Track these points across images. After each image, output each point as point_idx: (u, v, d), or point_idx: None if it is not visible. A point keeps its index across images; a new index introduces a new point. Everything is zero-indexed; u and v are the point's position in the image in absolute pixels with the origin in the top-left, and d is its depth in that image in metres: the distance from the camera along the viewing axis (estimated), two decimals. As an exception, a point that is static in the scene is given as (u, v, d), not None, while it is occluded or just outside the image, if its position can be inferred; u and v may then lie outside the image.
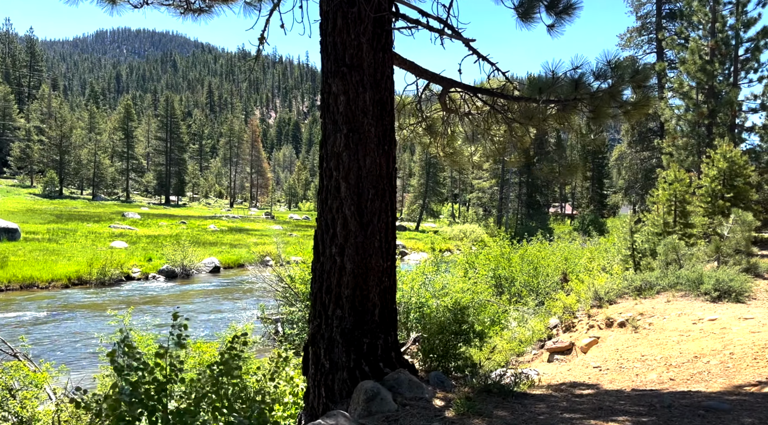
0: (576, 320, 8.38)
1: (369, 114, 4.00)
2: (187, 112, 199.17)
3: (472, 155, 5.80)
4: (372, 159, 4.01)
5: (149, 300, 21.09)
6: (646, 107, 4.66)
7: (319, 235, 4.13)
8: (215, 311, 18.59)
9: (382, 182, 4.07)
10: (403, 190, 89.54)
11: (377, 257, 4.02)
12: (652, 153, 38.30)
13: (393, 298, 4.19)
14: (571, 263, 17.81)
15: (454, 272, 15.43)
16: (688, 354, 5.69)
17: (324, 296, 4.05)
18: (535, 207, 66.63)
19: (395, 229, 4.29)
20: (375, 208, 3.99)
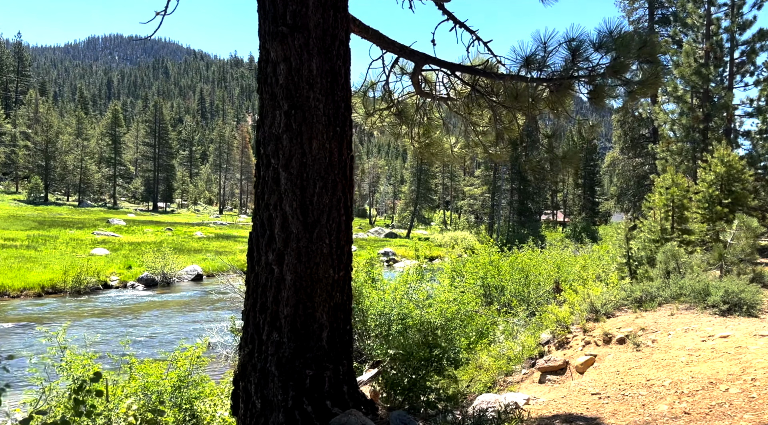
0: (570, 335, 7.58)
1: (316, 87, 3.20)
2: (178, 118, 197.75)
3: (452, 146, 5.01)
4: (320, 143, 3.21)
5: (123, 310, 20.11)
6: (654, 85, 3.91)
7: (254, 238, 3.31)
8: (190, 321, 17.66)
9: (333, 172, 3.26)
10: (395, 197, 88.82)
11: (326, 266, 3.21)
12: (645, 159, 37.77)
13: (347, 317, 3.38)
14: (563, 271, 17.04)
15: (441, 281, 14.63)
16: (702, 379, 4.90)
17: (258, 315, 3.22)
18: (527, 214, 66.10)
19: (350, 231, 3.49)
20: (323, 204, 3.19)
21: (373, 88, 4.77)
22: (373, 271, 11.85)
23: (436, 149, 4.97)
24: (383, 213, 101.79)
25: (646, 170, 37.43)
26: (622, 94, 4.06)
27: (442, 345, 6.99)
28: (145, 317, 18.59)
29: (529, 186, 66.85)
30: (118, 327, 16.79)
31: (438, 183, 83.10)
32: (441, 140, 5.01)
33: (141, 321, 18.02)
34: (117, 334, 15.58)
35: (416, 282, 11.08)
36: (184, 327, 16.42)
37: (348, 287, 3.39)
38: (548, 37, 3.80)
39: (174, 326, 17.05)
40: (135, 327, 16.96)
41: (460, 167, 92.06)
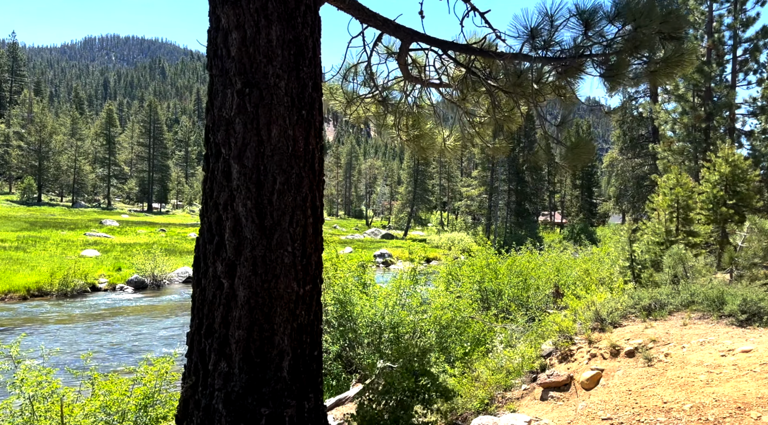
0: (574, 347, 6.99)
1: (276, 60, 2.62)
2: (175, 119, 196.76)
3: (445, 139, 4.43)
4: (281, 129, 2.62)
5: (107, 314, 19.47)
6: (680, 64, 3.35)
7: (201, 245, 2.72)
8: (174, 326, 17.04)
9: (297, 165, 2.67)
10: (391, 197, 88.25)
11: (288, 279, 2.61)
12: (645, 160, 37.26)
13: (315, 340, 2.78)
14: (563, 274, 16.47)
15: (436, 285, 14.03)
16: (727, 403, 4.33)
17: (203, 340, 2.63)
18: (525, 215, 65.59)
19: (320, 236, 2.90)
20: (285, 204, 2.60)
21: (355, 71, 4.18)
22: (364, 276, 11.27)
23: (426, 142, 4.38)
24: (380, 214, 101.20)
25: (646, 170, 36.92)
26: (642, 74, 3.50)
27: (431, 370, 6.37)
28: (127, 322, 17.96)
29: (527, 187, 66.36)
30: (96, 333, 16.17)
31: (435, 184, 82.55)
32: (433, 132, 4.43)
33: (122, 326, 17.39)
34: (89, 342, 14.96)
35: (410, 287, 10.51)
36: (167, 333, 15.81)
37: (317, 304, 2.80)
38: (555, 9, 3.24)
39: (155, 331, 16.44)
40: (114, 333, 16.35)
41: (458, 168, 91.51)
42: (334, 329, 10.02)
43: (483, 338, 10.99)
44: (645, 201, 18.36)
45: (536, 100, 3.77)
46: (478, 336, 11.03)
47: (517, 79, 3.59)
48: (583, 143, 3.74)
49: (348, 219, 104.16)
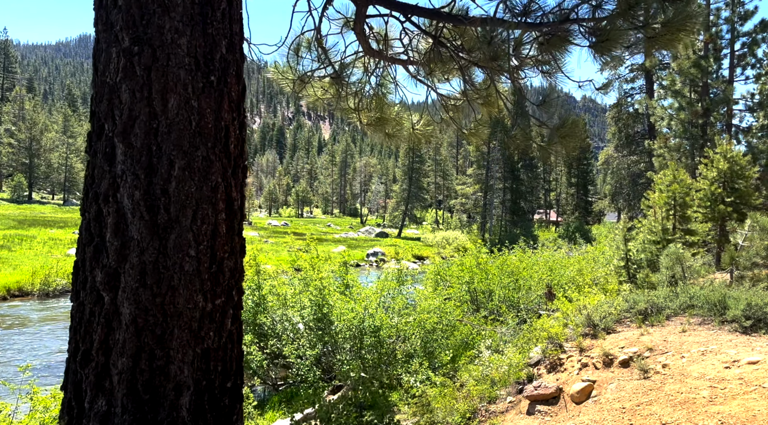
0: (564, 355, 6.44)
1: (176, 11, 2.04)
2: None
3: (413, 125, 3.86)
4: (181, 99, 2.04)
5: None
6: (684, 28, 2.79)
7: (80, 247, 2.15)
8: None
9: (205, 146, 2.08)
10: (386, 196, 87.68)
11: (190, 292, 2.03)
12: (640, 157, 36.78)
13: (230, 369, 2.16)
14: (556, 274, 15.95)
15: (425, 286, 13.48)
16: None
17: (78, 370, 2.06)
18: (520, 214, 65.17)
19: (238, 235, 2.32)
20: (187, 195, 2.02)
21: (309, 45, 3.59)
22: (347, 276, 10.71)
23: (392, 127, 3.80)
24: (375, 212, 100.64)
25: (642, 168, 36.44)
26: (639, 41, 2.96)
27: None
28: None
29: (522, 185, 65.93)
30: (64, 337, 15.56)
31: (431, 182, 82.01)
32: (400, 117, 3.86)
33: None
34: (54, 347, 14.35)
35: (394, 289, 9.95)
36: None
37: (234, 323, 2.21)
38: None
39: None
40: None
41: (453, 166, 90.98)
42: (312, 332, 9.47)
43: (471, 341, 10.45)
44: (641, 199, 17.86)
45: (515, 76, 3.23)
46: (467, 340, 10.49)
47: (488, 46, 3.03)
48: (570, 123, 3.19)
49: (343, 217, 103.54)
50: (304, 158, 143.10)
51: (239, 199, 2.29)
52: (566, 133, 3.17)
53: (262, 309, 9.57)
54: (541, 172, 77.88)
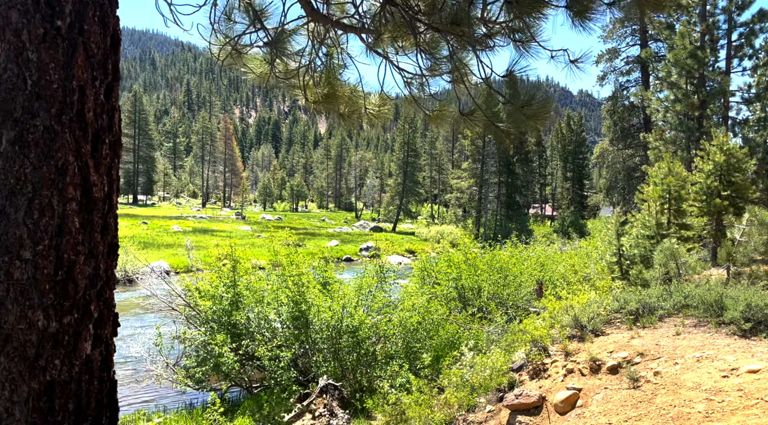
0: (548, 360, 5.98)
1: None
2: (164, 110, 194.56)
3: (365, 103, 3.34)
4: (11, 50, 1.50)
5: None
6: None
7: None
8: (130, 327, 15.96)
9: (46, 111, 1.53)
10: (381, 190, 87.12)
11: (24, 308, 1.46)
12: (636, 150, 36.35)
13: (92, 408, 1.66)
14: (547, 269, 15.52)
15: (414, 282, 13.01)
16: (734, 448, 3.34)
17: None
18: (515, 208, 64.78)
19: (101, 231, 1.80)
20: (17, 177, 1.49)
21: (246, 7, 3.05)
22: (326, 273, 10.23)
23: (343, 105, 3.29)
24: (370, 206, 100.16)
25: (637, 161, 36.04)
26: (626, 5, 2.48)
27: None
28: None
29: (518, 179, 65.47)
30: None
31: (426, 176, 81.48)
32: (355, 94, 3.36)
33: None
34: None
35: (375, 287, 9.47)
36: (125, 331, 14.70)
37: (95, 347, 1.71)
38: None
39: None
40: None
41: (449, 160, 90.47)
42: (289, 330, 9.00)
43: (457, 340, 10.00)
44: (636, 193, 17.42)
45: (481, 46, 2.74)
46: (453, 339, 10.04)
47: (456, 17, 2.53)
48: (538, 103, 2.70)
49: (338, 212, 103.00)
50: (300, 152, 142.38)
51: (105, 184, 1.79)
52: (533, 113, 2.68)
53: (236, 308, 9.08)
54: (537, 166, 77.48)
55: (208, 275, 9.81)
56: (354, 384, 8.79)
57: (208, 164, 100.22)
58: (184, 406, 9.31)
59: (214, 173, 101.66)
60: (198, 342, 8.98)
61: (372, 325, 8.64)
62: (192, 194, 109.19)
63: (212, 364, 8.60)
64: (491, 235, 54.44)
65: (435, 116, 3.24)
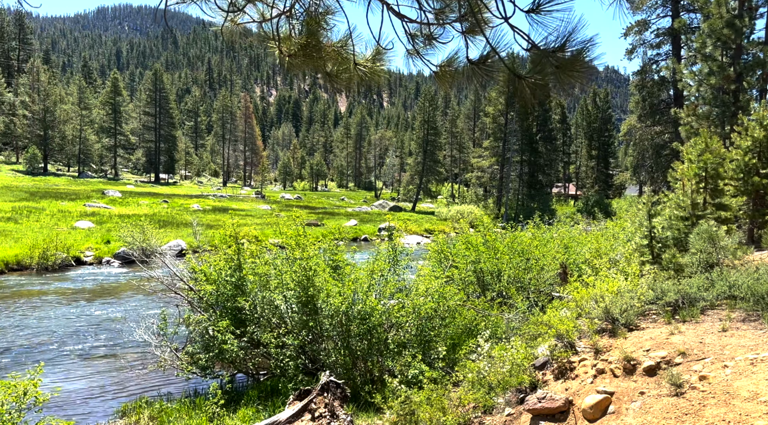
0: (576, 357, 5.36)
1: None
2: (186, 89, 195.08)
3: (354, 56, 2.70)
4: None
5: (75, 292, 18.20)
6: None
7: None
8: (143, 307, 15.68)
9: None
10: (401, 169, 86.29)
11: None
12: (665, 127, 34.97)
13: None
14: (572, 252, 14.79)
15: (432, 265, 12.41)
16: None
17: None
18: (537, 187, 63.55)
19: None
20: None
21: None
22: (336, 256, 9.67)
23: (331, 62, 2.68)
24: (390, 186, 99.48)
25: (666, 138, 34.68)
26: None
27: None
28: (93, 301, 16.67)
29: (540, 158, 64.13)
30: (50, 313, 14.86)
31: (446, 155, 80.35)
32: (345, 48, 2.74)
33: (84, 305, 16.09)
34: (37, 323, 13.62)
35: (387, 271, 8.90)
36: (137, 313, 14.42)
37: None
38: None
39: (121, 312, 15.10)
40: (70, 315, 15.05)
41: (470, 138, 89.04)
42: (297, 316, 8.50)
43: (475, 328, 9.42)
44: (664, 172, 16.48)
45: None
46: (470, 326, 9.46)
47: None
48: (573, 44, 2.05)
49: (357, 191, 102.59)
50: (320, 131, 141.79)
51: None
52: (567, 63, 2.02)
53: (241, 292, 8.60)
54: (561, 144, 75.80)
55: (211, 258, 9.33)
56: (365, 374, 8.29)
57: (229, 142, 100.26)
58: (189, 393, 8.93)
59: (235, 152, 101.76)
60: (201, 328, 8.55)
61: (384, 311, 8.09)
62: (213, 172, 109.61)
63: (216, 351, 8.17)
64: (512, 215, 53.59)
65: (443, 73, 2.61)
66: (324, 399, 5.03)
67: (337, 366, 8.09)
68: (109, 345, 11.98)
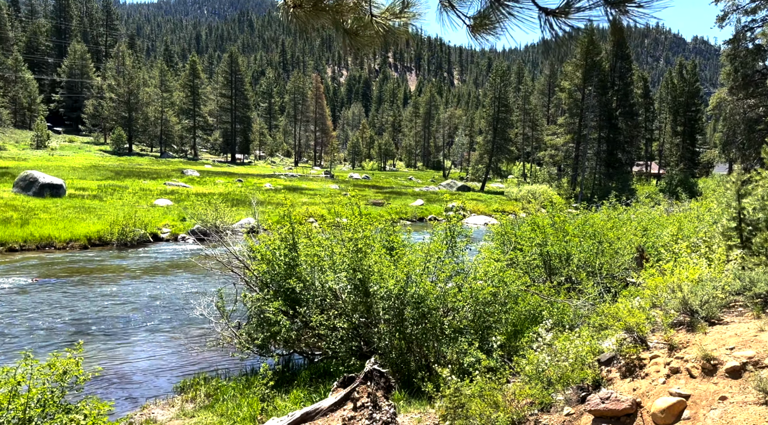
0: (647, 354, 4.79)
1: None
2: (261, 71, 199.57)
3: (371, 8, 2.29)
4: None
5: (148, 267, 18.94)
6: None
7: None
8: (210, 284, 16.08)
9: None
10: (470, 148, 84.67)
11: None
12: (760, 100, 32.08)
13: None
14: (651, 235, 13.77)
15: (495, 247, 11.87)
16: None
17: None
18: (616, 166, 60.45)
19: None
20: None
21: None
22: (392, 236, 9.37)
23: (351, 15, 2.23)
24: (459, 165, 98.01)
25: (761, 112, 31.83)
26: None
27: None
28: (164, 276, 17.28)
29: (620, 134, 60.87)
30: (126, 286, 15.49)
31: (518, 133, 78.00)
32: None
33: (155, 280, 16.68)
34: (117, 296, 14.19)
35: (443, 253, 8.50)
36: (204, 289, 14.79)
37: None
38: None
39: (189, 288, 15.52)
40: (141, 290, 15.61)
41: (543, 115, 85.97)
42: (350, 298, 8.29)
43: (539, 314, 8.87)
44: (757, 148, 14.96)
45: None
46: (534, 313, 8.92)
47: None
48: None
49: (426, 170, 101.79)
50: (389, 111, 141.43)
51: None
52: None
53: (293, 273, 8.47)
54: (643, 120, 71.68)
55: (266, 237, 9.27)
56: (419, 360, 8.00)
57: (300, 123, 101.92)
58: (246, 371, 8.98)
59: (306, 132, 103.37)
60: (256, 307, 8.51)
61: (439, 296, 7.73)
62: (286, 153, 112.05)
63: (268, 332, 8.11)
64: (588, 195, 51.29)
65: (477, 25, 2.17)
66: (367, 389, 4.76)
67: (391, 350, 7.84)
68: (175, 320, 12.33)
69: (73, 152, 71.80)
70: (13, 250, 20.51)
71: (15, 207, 27.41)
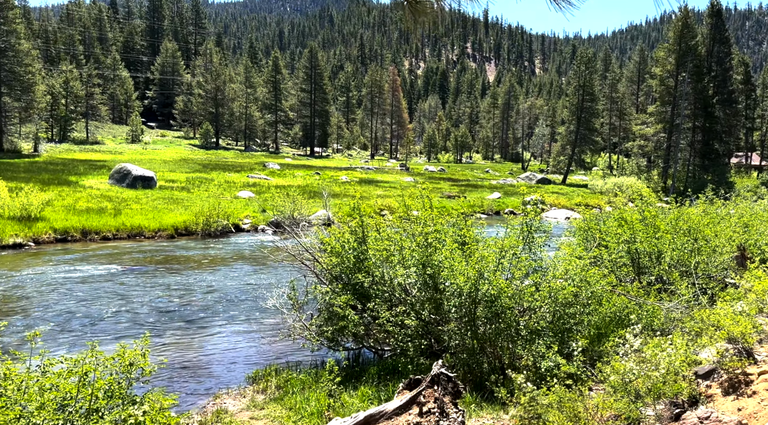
0: (754, 369, 4.19)
1: None
2: (340, 65, 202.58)
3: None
4: None
5: (228, 257, 19.51)
6: None
7: None
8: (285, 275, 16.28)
9: None
10: (551, 139, 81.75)
11: None
12: None
13: None
14: (753, 231, 12.55)
15: (571, 242, 11.18)
16: None
17: None
18: (712, 157, 56.33)
19: None
20: None
21: None
22: (465, 231, 8.96)
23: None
24: (539, 157, 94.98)
25: None
26: None
27: None
28: (243, 266, 17.72)
29: (717, 124, 56.65)
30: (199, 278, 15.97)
31: (604, 123, 74.38)
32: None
33: (233, 270, 17.12)
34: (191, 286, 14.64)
35: (520, 249, 8.01)
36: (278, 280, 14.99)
37: None
38: None
39: (265, 279, 15.79)
40: (220, 279, 16.03)
41: (632, 104, 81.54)
42: (420, 294, 8.02)
43: (626, 317, 8.20)
44: None
45: None
46: (621, 315, 8.26)
47: None
48: None
49: (503, 163, 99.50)
50: (466, 102, 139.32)
51: None
52: None
53: (361, 267, 8.30)
54: (743, 108, 66.35)
55: (336, 230, 9.15)
56: (492, 361, 7.59)
57: (377, 116, 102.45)
58: (317, 364, 8.93)
59: (382, 125, 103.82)
60: (325, 300, 8.42)
61: (514, 294, 7.28)
62: (363, 145, 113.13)
63: (336, 326, 7.99)
64: (681, 188, 48.13)
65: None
66: (434, 393, 4.47)
67: (462, 350, 7.50)
68: (250, 309, 12.54)
69: (164, 145, 75.98)
70: (107, 238, 21.78)
71: (110, 198, 29.18)
